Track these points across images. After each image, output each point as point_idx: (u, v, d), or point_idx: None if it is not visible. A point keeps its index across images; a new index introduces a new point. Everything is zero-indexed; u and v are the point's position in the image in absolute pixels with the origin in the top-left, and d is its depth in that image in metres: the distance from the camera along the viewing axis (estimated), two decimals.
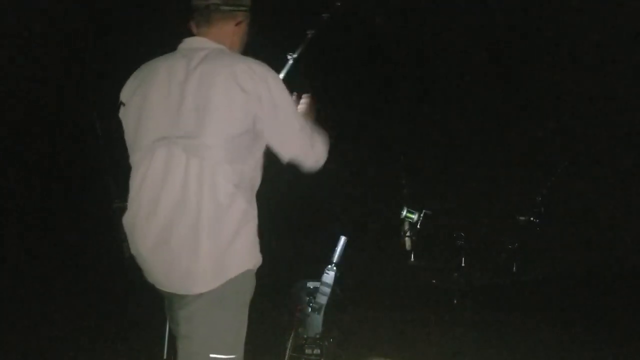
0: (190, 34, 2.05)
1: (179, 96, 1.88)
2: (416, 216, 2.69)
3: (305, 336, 2.67)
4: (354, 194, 5.77)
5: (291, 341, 2.63)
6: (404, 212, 2.70)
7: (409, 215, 2.70)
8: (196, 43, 2.02)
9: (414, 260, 2.74)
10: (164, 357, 2.11)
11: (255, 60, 1.94)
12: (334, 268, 2.67)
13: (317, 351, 2.66)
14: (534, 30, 5.77)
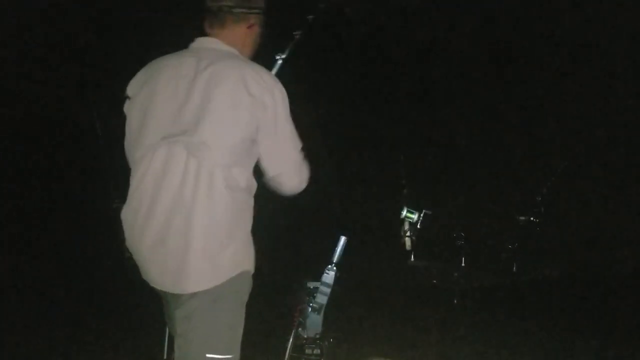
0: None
1: (185, 95, 1.88)
2: (416, 216, 2.69)
3: (305, 336, 2.67)
4: (354, 194, 5.76)
5: (291, 341, 2.63)
6: (404, 212, 2.70)
7: (409, 215, 2.70)
8: (208, 43, 2.01)
9: (414, 260, 2.73)
10: (164, 357, 2.11)
11: (265, 69, 1.95)
12: (334, 268, 2.67)
13: (317, 351, 2.66)
14: (534, 30, 5.76)
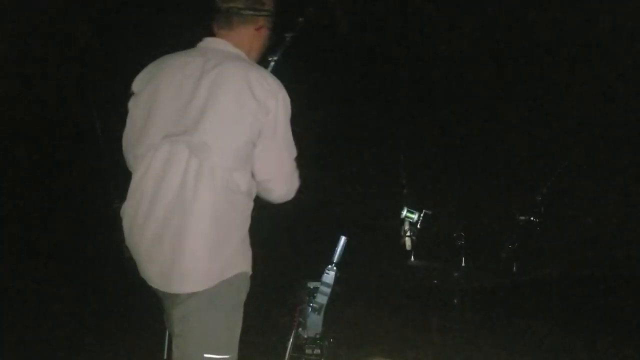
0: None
1: (190, 95, 1.88)
2: (416, 216, 2.68)
3: (305, 336, 2.66)
4: (354, 194, 5.76)
5: (291, 341, 2.63)
6: (404, 212, 2.69)
7: (409, 215, 2.69)
8: (215, 44, 2.01)
9: (414, 260, 2.73)
10: (164, 357, 2.11)
11: (270, 74, 1.94)
12: (334, 268, 2.67)
13: (317, 351, 2.66)
14: (534, 30, 5.76)
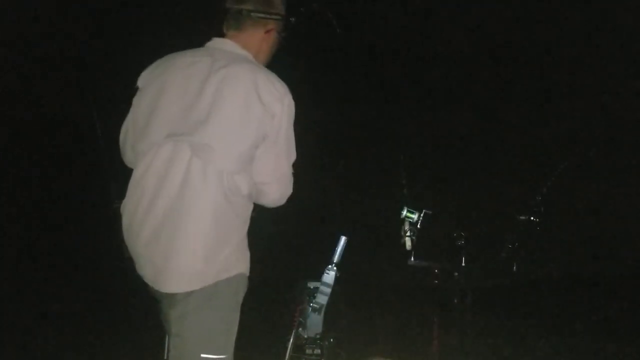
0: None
1: (196, 94, 1.87)
2: (416, 216, 2.68)
3: (305, 336, 2.66)
4: (354, 194, 5.77)
5: (291, 341, 2.63)
6: (404, 212, 2.69)
7: (409, 215, 2.68)
8: (223, 45, 2.00)
9: (414, 260, 2.72)
10: (164, 357, 2.11)
11: (278, 78, 1.93)
12: (334, 268, 2.66)
13: (317, 351, 2.65)
14: (534, 30, 5.76)
